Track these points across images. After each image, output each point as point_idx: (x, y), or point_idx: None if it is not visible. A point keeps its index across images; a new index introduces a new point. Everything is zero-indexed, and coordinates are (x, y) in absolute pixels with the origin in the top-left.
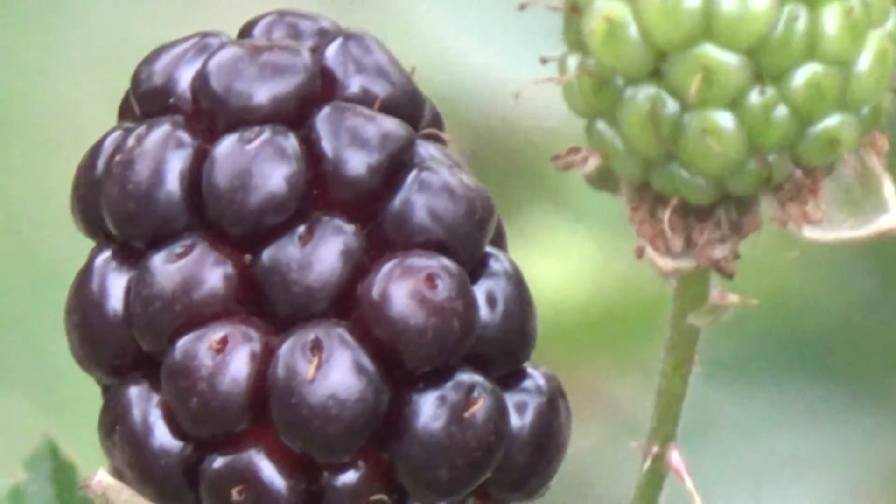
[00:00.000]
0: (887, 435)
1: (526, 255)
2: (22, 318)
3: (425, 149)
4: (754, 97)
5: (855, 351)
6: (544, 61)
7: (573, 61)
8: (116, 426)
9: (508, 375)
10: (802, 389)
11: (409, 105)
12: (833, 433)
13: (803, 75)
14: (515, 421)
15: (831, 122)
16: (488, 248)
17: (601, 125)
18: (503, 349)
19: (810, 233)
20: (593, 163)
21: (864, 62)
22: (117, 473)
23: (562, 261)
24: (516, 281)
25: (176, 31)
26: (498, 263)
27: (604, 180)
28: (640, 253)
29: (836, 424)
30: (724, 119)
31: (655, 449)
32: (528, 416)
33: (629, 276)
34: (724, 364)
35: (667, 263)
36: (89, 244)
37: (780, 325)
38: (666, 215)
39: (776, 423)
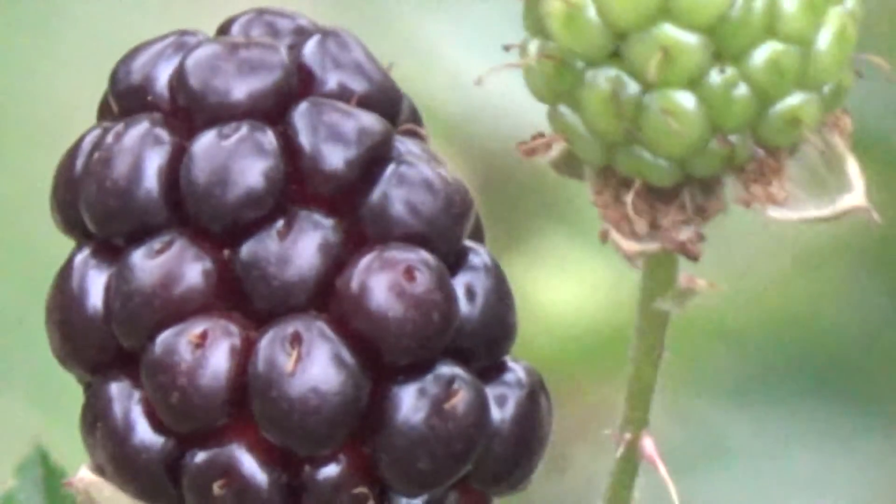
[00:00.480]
0: None
1: (538, 275)
2: (20, 318)
3: (403, 144)
4: (714, 77)
5: (869, 373)
6: (507, 48)
7: (534, 46)
8: (98, 423)
9: (489, 368)
10: (816, 412)
11: (386, 101)
12: (848, 456)
13: (763, 54)
14: (496, 414)
15: (792, 101)
16: (467, 242)
17: (563, 109)
18: (483, 342)
19: (775, 213)
20: (557, 148)
21: (824, 40)
22: (99, 470)
23: (574, 281)
24: (495, 274)
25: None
26: (477, 257)
27: (569, 166)
28: (604, 236)
29: (850, 447)
30: (685, 99)
31: (628, 436)
32: (509, 408)
33: None
34: (738, 388)
35: (631, 246)
36: None
37: (794, 349)
38: (630, 198)
39: (790, 446)
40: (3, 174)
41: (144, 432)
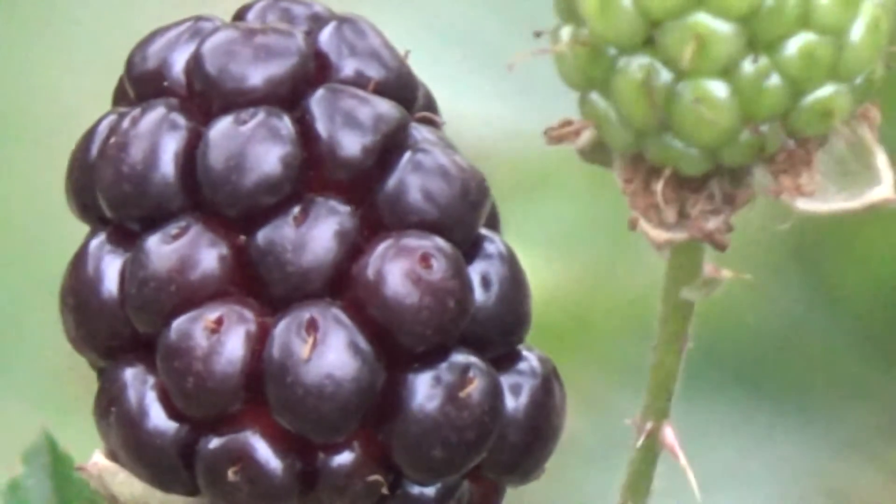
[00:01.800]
0: (816, 449)
1: None
2: (21, 318)
3: (419, 131)
4: (747, 66)
5: (786, 368)
6: (538, 34)
7: (566, 32)
8: (112, 408)
9: (503, 357)
10: (734, 406)
11: (402, 88)
12: (765, 449)
13: (796, 44)
14: (510, 402)
15: (824, 92)
16: (483, 230)
17: (594, 96)
18: (498, 330)
19: (803, 205)
20: (586, 135)
21: (857, 31)
22: (112, 455)
23: None
24: (511, 262)
25: None
26: (492, 245)
27: (597, 154)
28: (633, 224)
29: (767, 440)
30: (717, 88)
31: (649, 425)
32: (523, 397)
33: (561, 300)
34: None
35: (659, 235)
36: None
37: (712, 343)
38: (659, 187)
39: (708, 439)
40: (4, 174)
41: (158, 418)
